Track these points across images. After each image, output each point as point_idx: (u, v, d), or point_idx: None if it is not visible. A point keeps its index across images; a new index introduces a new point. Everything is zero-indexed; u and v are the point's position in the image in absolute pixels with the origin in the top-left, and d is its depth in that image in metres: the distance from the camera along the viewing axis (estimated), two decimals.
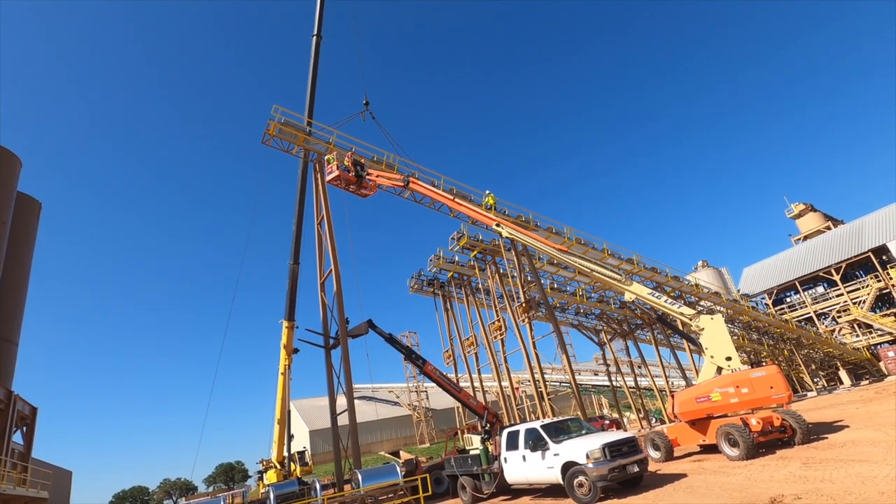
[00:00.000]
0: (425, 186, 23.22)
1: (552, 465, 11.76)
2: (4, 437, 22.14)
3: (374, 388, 66.16)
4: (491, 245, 30.75)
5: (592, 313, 42.60)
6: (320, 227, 23.70)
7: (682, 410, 15.24)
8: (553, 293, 36.50)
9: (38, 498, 22.80)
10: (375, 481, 14.49)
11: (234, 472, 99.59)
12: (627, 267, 33.71)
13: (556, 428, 12.89)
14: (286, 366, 26.73)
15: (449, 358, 35.67)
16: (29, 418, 25.53)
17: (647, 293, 17.16)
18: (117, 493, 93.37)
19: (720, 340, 15.14)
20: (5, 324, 24.57)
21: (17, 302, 26.28)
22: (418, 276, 35.58)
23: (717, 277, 76.46)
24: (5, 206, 24.31)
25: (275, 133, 22.92)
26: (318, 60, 27.10)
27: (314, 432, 54.92)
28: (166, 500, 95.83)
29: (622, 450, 11.13)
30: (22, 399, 24.13)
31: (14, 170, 25.61)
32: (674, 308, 16.25)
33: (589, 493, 10.74)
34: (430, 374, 20.92)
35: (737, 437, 12.80)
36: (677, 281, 38.29)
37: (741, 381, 13.91)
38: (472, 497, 14.91)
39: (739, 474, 10.80)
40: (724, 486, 9.89)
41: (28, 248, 27.95)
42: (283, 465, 25.99)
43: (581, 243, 31.05)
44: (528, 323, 27.88)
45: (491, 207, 26.07)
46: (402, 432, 60.14)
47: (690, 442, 15.48)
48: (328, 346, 21.92)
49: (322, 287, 23.15)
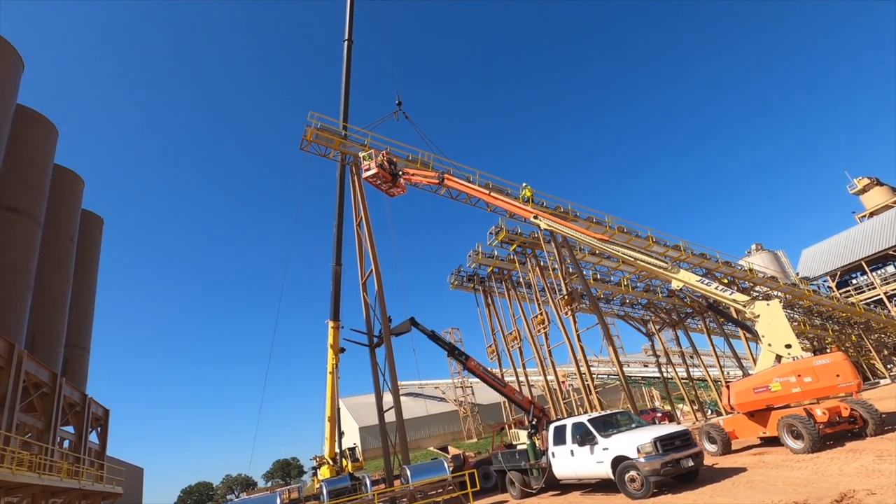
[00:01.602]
0: (460, 182, 23.19)
1: (601, 460, 11.53)
2: (82, 437, 23.94)
3: (421, 385, 66.95)
4: (530, 238, 30.38)
5: (639, 303, 41.32)
6: (359, 229, 24.14)
7: (738, 402, 14.56)
8: (596, 284, 35.66)
9: (114, 493, 24.52)
10: (424, 477, 14.66)
11: (290, 467, 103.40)
12: (674, 254, 32.46)
13: (604, 422, 12.62)
14: (334, 365, 27.43)
15: (492, 353, 35.56)
16: (102, 419, 27.46)
17: (695, 280, 16.48)
18: (184, 489, 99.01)
19: (778, 327, 14.35)
20: (77, 332, 26.49)
21: (86, 311, 28.28)
22: (458, 272, 35.62)
23: (773, 261, 72.49)
24: (72, 224, 26.16)
25: (312, 139, 23.50)
26: (350, 64, 27.54)
27: (364, 429, 56.20)
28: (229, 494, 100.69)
29: (675, 443, 10.77)
30: (95, 402, 25.97)
31: (78, 189, 27.52)
32: (725, 295, 15.53)
33: (641, 489, 10.46)
34: (473, 370, 20.94)
35: (800, 429, 12.10)
36: (729, 266, 36.53)
37: (803, 370, 13.13)
38: (521, 492, 14.82)
39: (805, 468, 10.20)
40: (787, 480, 9.37)
41: (93, 261, 30.00)
42: (336, 461, 26.73)
43: (623, 232, 30.15)
44: (571, 315, 27.40)
45: (528, 200, 25.73)
46: (450, 428, 60.58)
47: (749, 434, 14.78)
48: (372, 344, 22.33)
49: (364, 287, 23.59)
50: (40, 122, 22.52)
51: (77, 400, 23.85)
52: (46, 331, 22.19)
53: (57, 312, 23.33)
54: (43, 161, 22.26)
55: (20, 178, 20.28)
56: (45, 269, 22.25)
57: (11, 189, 19.52)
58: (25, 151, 20.96)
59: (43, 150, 22.37)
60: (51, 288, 23.14)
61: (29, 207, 20.51)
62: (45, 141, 22.59)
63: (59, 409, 20.90)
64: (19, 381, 16.95)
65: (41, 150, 22.23)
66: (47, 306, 22.52)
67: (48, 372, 20.25)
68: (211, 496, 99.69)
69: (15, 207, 19.68)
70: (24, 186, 20.44)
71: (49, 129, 23.16)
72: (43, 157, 22.32)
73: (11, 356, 16.64)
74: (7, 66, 18.72)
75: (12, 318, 18.82)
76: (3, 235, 18.94)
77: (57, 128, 23.81)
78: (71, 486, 18.79)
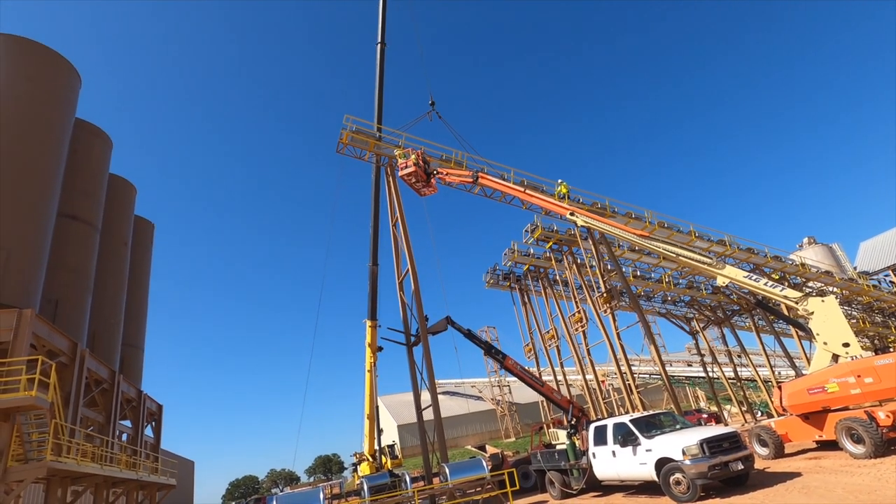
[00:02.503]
0: (494, 180, 23.10)
1: (645, 462, 11.25)
2: (138, 431, 25.29)
3: (458, 384, 67.09)
4: (566, 235, 29.91)
5: (682, 300, 39.98)
6: (395, 229, 24.42)
7: (791, 403, 13.86)
8: (636, 281, 34.76)
9: (168, 485, 25.80)
10: (463, 475, 14.70)
11: (331, 463, 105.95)
12: (719, 249, 31.20)
13: (646, 422, 12.30)
14: (372, 363, 27.88)
15: (530, 352, 35.25)
16: (156, 414, 28.91)
17: (742, 276, 15.81)
18: (232, 482, 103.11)
19: (834, 324, 13.57)
20: (132, 332, 27.98)
21: (140, 311, 29.84)
22: (493, 271, 35.48)
23: (828, 255, 68.42)
24: (125, 230, 27.67)
25: (347, 141, 23.95)
26: (383, 67, 27.89)
27: (402, 427, 56.83)
28: (273, 488, 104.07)
29: (723, 446, 10.38)
30: (150, 397, 27.37)
31: (131, 197, 29.08)
32: (775, 291, 14.81)
33: (688, 492, 10.13)
34: (510, 369, 20.83)
35: (861, 433, 11.41)
36: (779, 261, 34.82)
37: (864, 370, 12.36)
38: (560, 493, 14.64)
39: (866, 474, 9.62)
40: (847, 486, 8.86)
41: (146, 264, 31.63)
42: (375, 457, 27.19)
43: (664, 227, 29.23)
44: (610, 313, 26.81)
45: (564, 197, 25.36)
46: (487, 426, 60.43)
47: (803, 438, 14.05)
48: (409, 343, 22.55)
49: (400, 286, 23.86)
50: (97, 134, 23.92)
51: (133, 396, 25.21)
52: (105, 330, 23.56)
53: (114, 313, 24.73)
54: (99, 171, 23.65)
55: (79, 187, 21.62)
56: (102, 272, 23.61)
57: (71, 198, 20.82)
58: (83, 162, 22.31)
59: (99, 161, 23.76)
60: (108, 290, 24.54)
61: (87, 215, 21.84)
62: (101, 152, 23.99)
63: (118, 405, 22.15)
64: (82, 378, 18.06)
65: (98, 161, 23.61)
66: (105, 307, 23.89)
67: (107, 369, 21.49)
68: (256, 489, 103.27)
69: (75, 215, 21.00)
70: (82, 195, 21.77)
71: (105, 141, 24.57)
72: (99, 168, 23.71)
73: (75, 354, 17.76)
74: (66, 83, 19.97)
75: (74, 318, 20.08)
76: (64, 241, 20.23)
77: (111, 139, 25.25)
78: (129, 476, 19.91)
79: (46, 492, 15.93)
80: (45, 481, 15.61)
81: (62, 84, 19.53)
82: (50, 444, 13.87)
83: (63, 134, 19.18)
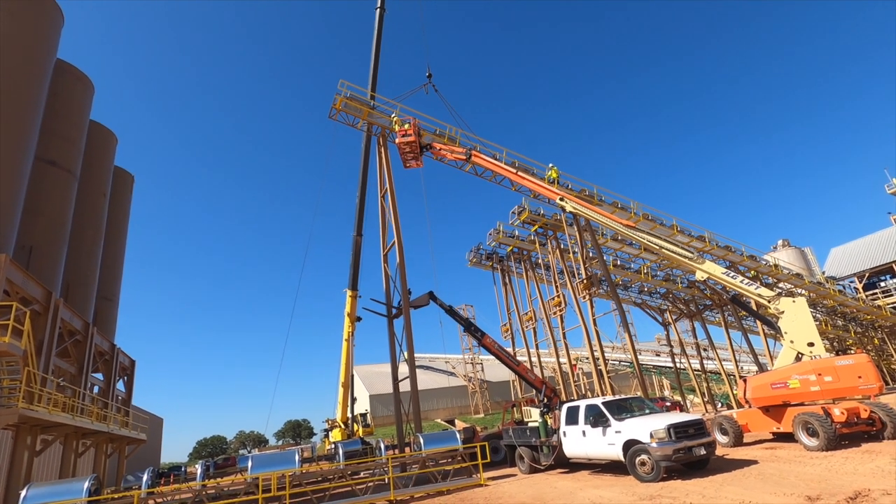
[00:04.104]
0: (487, 159, 23.05)
1: (613, 442, 11.71)
2: (110, 385, 25.09)
3: (431, 358, 67.99)
4: (552, 220, 30.17)
5: (657, 292, 40.96)
6: (384, 200, 24.24)
7: (755, 396, 14.55)
8: (616, 270, 35.39)
9: (138, 439, 25.79)
10: (436, 446, 15.08)
11: (301, 428, 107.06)
12: (698, 244, 31.94)
13: (617, 406, 12.76)
14: (350, 333, 28.05)
15: (506, 332, 35.87)
16: (129, 369, 28.67)
17: (720, 272, 16.32)
18: (200, 440, 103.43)
19: (802, 325, 14.21)
20: (107, 284, 27.45)
21: (116, 264, 29.23)
22: (477, 250, 35.70)
23: (800, 258, 70.64)
24: (104, 180, 26.82)
25: (341, 107, 23.48)
26: (381, 33, 27.17)
27: (374, 397, 57.62)
28: (241, 449, 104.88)
29: (688, 431, 10.86)
30: (123, 352, 27.08)
31: (111, 146, 28.10)
32: (751, 289, 15.35)
33: (651, 472, 10.63)
34: (488, 347, 21.23)
35: (817, 427, 12.09)
36: (754, 261, 35.87)
37: (824, 369, 13.03)
38: (529, 468, 15.17)
39: (818, 465, 10.23)
40: (800, 475, 9.42)
41: (124, 217, 30.85)
42: (347, 425, 27.61)
43: (648, 219, 29.73)
44: (588, 300, 27.39)
45: (554, 181, 25.47)
46: (457, 402, 61.72)
47: (762, 429, 14.81)
48: (391, 315, 22.69)
49: (385, 258, 23.85)
50: (78, 77, 22.90)
51: (106, 349, 24.91)
52: (80, 282, 23.04)
53: (89, 264, 24.16)
54: (80, 116, 22.73)
55: (58, 132, 20.76)
56: (78, 222, 22.93)
57: (50, 143, 20.02)
58: (63, 106, 21.38)
59: (80, 106, 22.81)
60: (84, 241, 23.91)
61: (66, 161, 21.06)
62: (82, 96, 23.01)
63: (91, 357, 21.88)
64: (55, 328, 17.75)
65: (78, 106, 22.67)
66: (81, 258, 23.31)
67: (81, 321, 21.13)
68: (224, 449, 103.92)
69: (54, 161, 20.24)
70: (62, 141, 20.94)
71: (86, 85, 23.55)
72: (80, 113, 22.78)
73: (49, 303, 17.39)
74: (48, 20, 18.97)
75: (49, 267, 19.58)
76: (41, 187, 19.54)
77: (93, 83, 24.21)
78: (100, 429, 19.83)
79: (16, 439, 15.79)
80: (15, 428, 15.46)
81: (44, 21, 18.55)
82: (22, 392, 13.72)
83: (44, 74, 18.32)
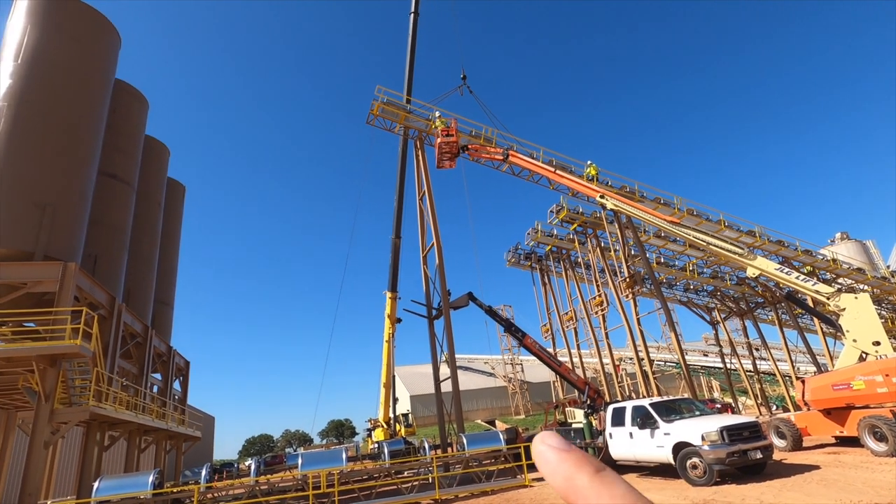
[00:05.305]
0: (524, 159, 22.92)
1: (662, 445, 11.42)
2: (168, 385, 26.48)
3: (470, 359, 68.00)
4: (592, 218, 29.61)
5: (704, 290, 39.46)
6: (422, 203, 24.50)
7: (814, 398, 13.83)
8: (659, 268, 34.38)
9: (193, 436, 27.12)
10: (479, 446, 15.13)
11: (344, 428, 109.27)
12: (748, 240, 30.56)
13: (666, 407, 12.44)
14: (390, 334, 28.52)
15: (547, 332, 35.49)
16: (184, 370, 30.15)
17: (773, 269, 15.61)
18: (248, 438, 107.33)
19: (866, 322, 13.39)
20: (164, 289, 28.98)
21: (171, 270, 30.82)
22: (515, 250, 35.49)
23: (861, 251, 66.48)
24: (159, 191, 28.38)
25: (378, 113, 23.91)
26: (415, 37, 27.52)
27: (415, 397, 58.14)
28: (287, 448, 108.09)
29: (743, 434, 10.48)
30: (178, 353, 28.51)
31: (165, 158, 29.68)
32: (807, 285, 14.61)
33: (704, 476, 10.31)
34: (529, 347, 21.11)
35: (885, 431, 11.38)
36: (809, 255, 33.97)
37: (892, 370, 12.23)
38: None
39: (887, 471, 9.64)
40: (867, 481, 8.92)
41: (177, 225, 32.49)
42: (389, 425, 28.07)
43: (693, 214, 28.70)
44: (631, 298, 26.71)
45: (593, 178, 25.05)
46: (497, 403, 61.41)
47: (823, 432, 14.05)
48: (431, 316, 22.91)
49: (424, 260, 24.10)
50: (134, 95, 24.37)
51: (164, 351, 26.30)
52: (139, 287, 24.45)
53: (147, 271, 25.61)
54: (137, 132, 24.17)
55: (118, 147, 22.16)
56: (137, 231, 24.37)
57: (111, 157, 21.36)
58: (122, 123, 22.80)
59: (137, 122, 24.27)
60: (142, 248, 25.37)
61: (126, 175, 22.45)
62: (138, 113, 24.49)
63: (150, 358, 23.18)
64: (119, 331, 18.91)
65: (136, 122, 24.12)
66: (139, 265, 24.75)
67: (141, 324, 22.42)
68: (271, 447, 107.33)
69: (114, 174, 21.60)
70: (121, 155, 22.33)
71: (142, 102, 25.03)
72: (137, 128, 24.22)
73: (113, 308, 18.57)
74: (107, 43, 20.27)
75: (112, 274, 20.89)
76: (104, 199, 20.87)
77: (148, 100, 25.70)
78: (160, 426, 21.01)
79: (86, 434, 16.96)
80: (86, 425, 16.60)
81: (104, 44, 19.84)
82: (92, 391, 14.71)
83: (105, 93, 19.60)
